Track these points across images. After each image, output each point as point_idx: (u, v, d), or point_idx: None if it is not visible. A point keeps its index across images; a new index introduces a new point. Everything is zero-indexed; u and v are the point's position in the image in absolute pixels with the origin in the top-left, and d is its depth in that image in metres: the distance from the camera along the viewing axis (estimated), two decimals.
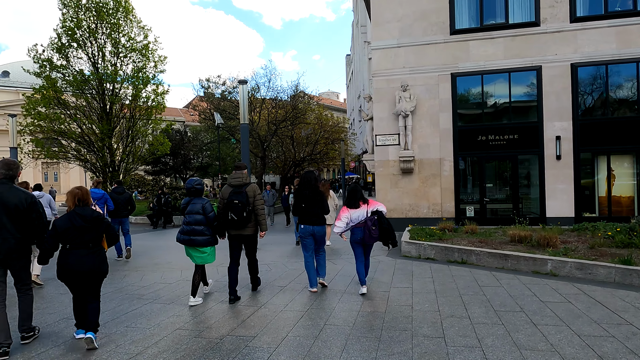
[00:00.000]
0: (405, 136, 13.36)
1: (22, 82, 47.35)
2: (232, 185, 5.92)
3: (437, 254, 8.33)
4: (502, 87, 13.01)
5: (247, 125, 10.27)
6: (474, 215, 13.18)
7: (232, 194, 5.81)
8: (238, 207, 5.69)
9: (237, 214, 5.68)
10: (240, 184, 5.89)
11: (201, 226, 5.66)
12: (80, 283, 4.35)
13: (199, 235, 5.66)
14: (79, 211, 4.36)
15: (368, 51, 43.27)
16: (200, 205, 5.67)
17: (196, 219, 5.66)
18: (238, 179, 5.91)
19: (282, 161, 29.48)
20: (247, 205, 5.74)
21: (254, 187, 6.02)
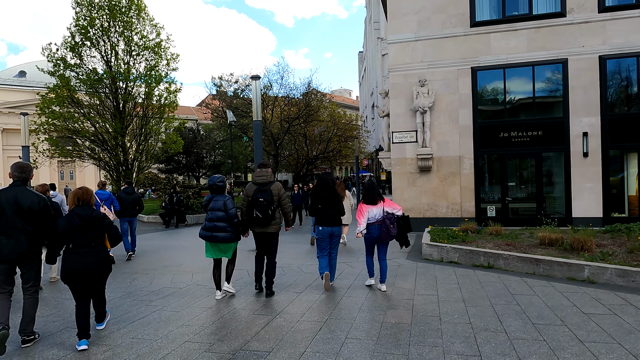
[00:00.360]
0: (423, 133, 12.84)
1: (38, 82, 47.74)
2: (256, 183, 5.97)
3: (461, 257, 7.82)
4: (525, 82, 12.40)
5: (260, 122, 9.87)
6: (495, 215, 12.60)
7: (257, 191, 5.87)
8: (263, 205, 5.75)
9: (262, 211, 5.74)
10: (265, 182, 5.93)
11: (223, 223, 5.72)
12: (83, 283, 4.32)
13: (221, 232, 5.74)
14: (77, 211, 4.36)
15: (381, 48, 42.60)
16: (222, 202, 5.75)
17: (218, 216, 5.74)
18: (263, 177, 5.96)
19: (295, 159, 29.07)
20: (271, 203, 5.80)
21: (278, 186, 6.06)
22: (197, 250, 10.62)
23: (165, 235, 14.15)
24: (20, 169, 4.49)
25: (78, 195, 4.45)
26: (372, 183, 6.55)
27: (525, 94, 12.43)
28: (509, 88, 12.49)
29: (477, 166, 12.70)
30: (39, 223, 4.37)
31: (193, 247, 11.19)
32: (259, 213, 5.76)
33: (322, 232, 6.25)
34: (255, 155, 10.01)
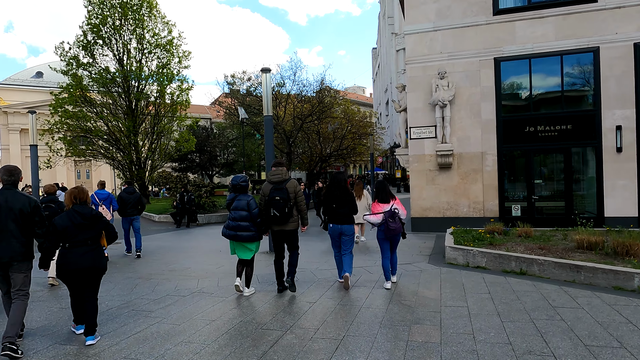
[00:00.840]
0: (442, 128, 12.10)
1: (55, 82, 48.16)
2: (272, 182, 5.98)
3: (489, 262, 7.12)
4: (552, 72, 11.56)
5: (271, 117, 9.29)
6: (520, 214, 11.81)
7: (273, 190, 5.87)
8: (280, 204, 5.76)
9: (279, 210, 5.75)
10: (281, 180, 5.94)
11: (246, 222, 5.79)
12: (80, 280, 4.41)
13: (244, 231, 5.80)
14: (78, 209, 4.44)
15: (395, 43, 41.72)
16: (245, 202, 5.82)
17: (241, 215, 5.80)
18: (278, 176, 5.97)
19: (308, 157, 28.46)
20: (288, 201, 5.79)
21: (294, 183, 6.04)
22: (205, 252, 10.10)
23: (175, 236, 13.68)
24: (9, 172, 4.49)
25: (75, 194, 4.52)
26: (382, 182, 6.67)
27: (553, 86, 11.60)
28: (535, 79, 11.67)
29: (500, 163, 11.91)
30: (30, 224, 4.39)
31: (202, 249, 10.67)
32: (276, 212, 5.76)
33: (332, 230, 6.33)
34: (266, 152, 9.43)
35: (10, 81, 49.85)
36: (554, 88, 11.58)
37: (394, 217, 6.15)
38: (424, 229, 12.50)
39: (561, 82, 11.46)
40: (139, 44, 24.25)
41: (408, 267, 7.64)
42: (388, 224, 6.10)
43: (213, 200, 18.28)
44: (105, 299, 6.08)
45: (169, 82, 24.52)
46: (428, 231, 12.40)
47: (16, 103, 46.44)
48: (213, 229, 15.34)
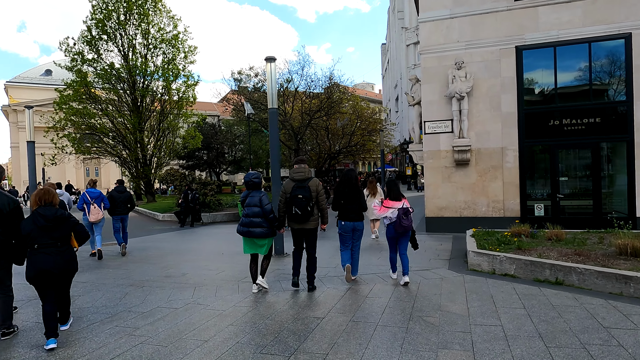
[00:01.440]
0: (459, 122, 11.26)
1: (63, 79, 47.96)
2: (294, 179, 5.90)
3: (519, 269, 6.31)
4: (580, 61, 10.65)
5: (276, 110, 8.55)
6: (543, 214, 10.95)
7: (296, 188, 5.80)
8: (302, 202, 5.69)
9: (301, 208, 5.69)
10: (303, 179, 5.87)
11: (259, 218, 5.71)
12: (49, 283, 4.29)
13: (257, 227, 5.71)
14: (41, 211, 4.33)
15: (405, 37, 40.73)
16: (257, 198, 5.75)
17: (254, 211, 5.73)
18: (301, 174, 5.88)
19: (317, 154, 27.68)
20: (310, 199, 5.73)
21: (316, 182, 5.96)
22: (207, 255, 9.42)
23: (178, 236, 13.03)
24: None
25: (39, 196, 4.41)
26: (393, 180, 6.86)
27: (580, 76, 10.70)
28: (560, 69, 10.77)
29: (522, 159, 11.05)
30: (9, 224, 4.43)
31: (203, 251, 9.98)
32: (297, 210, 5.69)
33: (344, 227, 6.29)
34: (271, 148, 8.71)
35: (20, 79, 49.79)
36: (581, 78, 10.68)
37: (407, 214, 6.19)
38: (439, 230, 11.71)
39: (589, 72, 10.56)
40: (144, 39, 23.67)
41: (427, 274, 6.86)
42: (401, 221, 6.13)
43: (219, 199, 17.61)
44: (90, 311, 5.41)
45: (175, 77, 23.91)
46: (444, 232, 11.61)
47: (25, 101, 46.27)
48: (218, 228, 14.69)
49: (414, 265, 7.30)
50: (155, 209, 18.68)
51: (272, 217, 5.78)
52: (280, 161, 8.85)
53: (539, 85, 11.10)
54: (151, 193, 24.07)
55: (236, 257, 8.72)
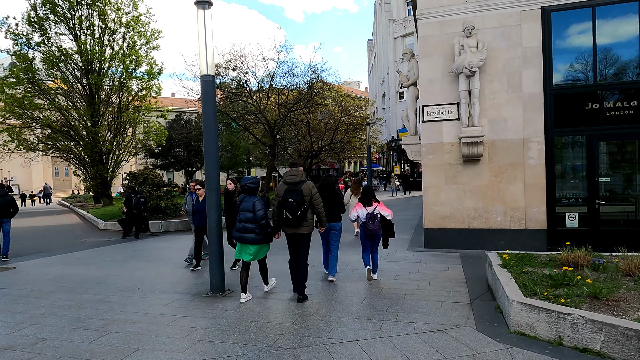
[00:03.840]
0: (468, 106, 8.53)
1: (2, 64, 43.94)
2: (287, 182, 5.66)
3: (611, 343, 3.52)
4: (627, 25, 8.00)
5: (211, 79, 5.68)
6: (577, 226, 8.28)
7: (287, 192, 5.55)
8: (293, 206, 5.45)
9: (291, 212, 5.44)
10: (296, 182, 5.61)
11: (252, 224, 5.49)
12: None
13: (249, 233, 5.47)
14: None
15: (393, 30, 38.08)
16: (251, 203, 5.51)
17: (247, 217, 5.50)
18: (293, 177, 5.65)
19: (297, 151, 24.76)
20: (302, 203, 5.48)
21: (310, 185, 5.68)
22: (119, 290, 6.40)
23: (109, 253, 10.02)
24: None
25: None
26: (368, 186, 7.01)
27: (627, 45, 8.02)
28: (600, 37, 8.09)
29: (549, 153, 8.37)
30: None
31: (118, 284, 6.94)
32: (288, 214, 5.46)
33: None
34: (205, 140, 5.81)
35: None
36: (629, 48, 8.00)
37: (374, 219, 6.44)
38: (441, 245, 8.97)
39: (639, 38, 7.89)
40: (100, 22, 20.54)
41: (442, 340, 4.05)
42: (367, 225, 6.43)
43: (176, 203, 14.60)
44: None
45: (137, 66, 20.82)
46: (447, 248, 8.89)
47: None
48: (167, 240, 11.71)
49: (421, 320, 4.51)
50: (101, 215, 15.58)
51: (264, 223, 5.50)
52: (218, 158, 6.01)
53: (572, 58, 8.39)
54: (108, 195, 20.90)
55: (159, 297, 5.85)
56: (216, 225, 5.83)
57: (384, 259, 8.25)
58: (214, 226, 5.81)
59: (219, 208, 5.89)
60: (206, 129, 5.82)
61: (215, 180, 5.87)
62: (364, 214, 6.44)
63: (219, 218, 5.87)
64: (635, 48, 7.94)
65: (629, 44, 7.99)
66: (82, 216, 17.95)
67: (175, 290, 6.27)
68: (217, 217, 5.82)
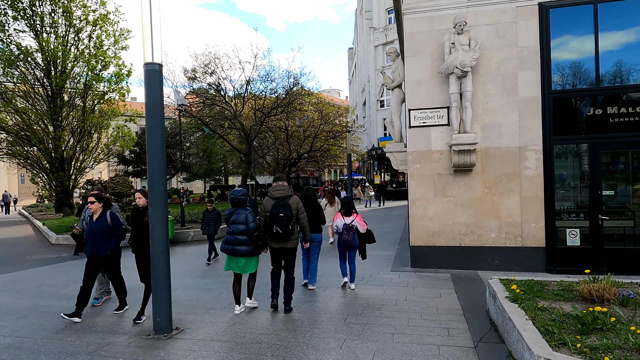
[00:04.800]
0: (460, 110, 7.65)
1: None
2: (274, 197, 5.59)
3: None
4: (632, 24, 7.27)
5: (156, 68, 4.57)
6: (579, 243, 7.44)
7: (276, 206, 5.51)
8: (283, 220, 5.43)
9: (282, 227, 5.42)
10: (284, 196, 5.57)
11: (244, 236, 5.43)
12: None
13: (242, 245, 5.43)
14: None
15: (374, 38, 37.57)
16: (243, 216, 5.45)
17: (240, 229, 5.44)
18: (281, 191, 5.60)
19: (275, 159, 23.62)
20: (291, 218, 5.50)
21: (296, 199, 5.70)
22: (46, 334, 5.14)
23: (50, 274, 8.66)
24: None
25: None
26: (348, 197, 7.22)
27: (632, 45, 7.30)
28: (604, 36, 7.34)
29: (548, 163, 7.53)
30: None
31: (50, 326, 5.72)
32: (279, 229, 5.41)
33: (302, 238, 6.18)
34: (148, 143, 4.69)
35: None
36: (634, 49, 7.27)
37: (349, 230, 6.60)
38: (430, 264, 8.00)
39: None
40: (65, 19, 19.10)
41: None
42: (342, 235, 6.64)
43: None
44: None
45: (104, 66, 19.41)
46: (437, 267, 7.93)
47: None
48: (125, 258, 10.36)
49: None
50: (56, 228, 14.05)
51: (257, 236, 5.46)
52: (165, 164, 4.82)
53: (573, 58, 7.62)
54: (69, 205, 19.28)
55: (86, 339, 4.64)
56: (162, 249, 4.68)
57: (367, 281, 7.24)
58: (159, 250, 4.66)
59: (165, 227, 4.75)
60: (150, 129, 4.69)
61: (160, 192, 4.72)
62: (341, 224, 6.63)
63: (165, 240, 4.73)
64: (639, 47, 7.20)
65: (634, 45, 7.25)
66: (37, 228, 16.33)
67: (110, 329, 5.05)
68: (162, 239, 4.67)
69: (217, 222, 9.85)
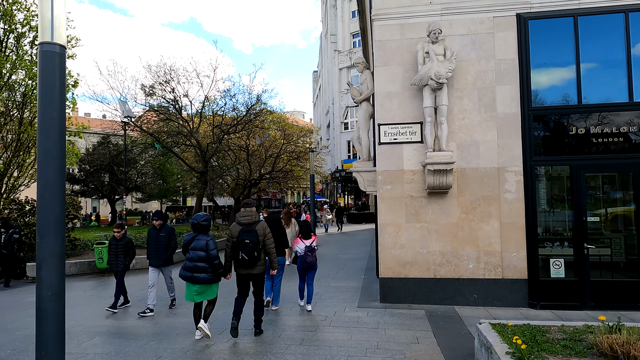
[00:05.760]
0: (435, 126, 6.86)
1: None
2: (241, 223, 5.50)
3: None
4: (613, 39, 6.81)
5: (59, 50, 3.41)
6: (564, 275, 6.70)
7: (243, 232, 5.42)
8: (249, 247, 5.34)
9: (248, 253, 5.33)
10: (250, 222, 5.48)
11: (204, 263, 5.34)
12: None
13: (202, 272, 5.32)
14: None
15: (338, 61, 37.44)
16: (204, 242, 5.40)
17: (200, 256, 5.36)
18: (248, 217, 5.51)
19: (235, 179, 22.26)
20: (257, 244, 5.41)
21: (263, 225, 5.61)
22: None
23: None
24: None
25: None
26: (306, 221, 7.29)
27: (614, 61, 6.82)
28: (585, 50, 6.83)
29: (529, 186, 6.82)
30: None
31: None
32: (244, 255, 5.33)
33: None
34: (39, 148, 3.47)
35: None
36: (616, 65, 6.79)
37: (312, 252, 6.73)
38: (401, 299, 7.01)
39: (626, 54, 6.70)
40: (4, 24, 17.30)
41: None
42: (306, 257, 6.71)
43: (74, 238, 11.54)
44: None
45: None
46: (409, 302, 6.96)
47: None
48: None
49: None
50: None
51: (217, 264, 5.39)
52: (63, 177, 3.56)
53: (553, 74, 7.06)
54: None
55: None
56: (53, 296, 3.39)
57: (331, 321, 6.15)
58: (48, 296, 3.37)
59: (60, 263, 3.48)
60: (44, 126, 3.47)
61: (56, 214, 3.46)
62: (303, 247, 6.74)
63: (59, 282, 3.45)
64: (622, 65, 6.72)
65: (616, 60, 6.77)
66: None
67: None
68: (54, 281, 3.39)
69: (129, 254, 7.33)
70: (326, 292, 8.10)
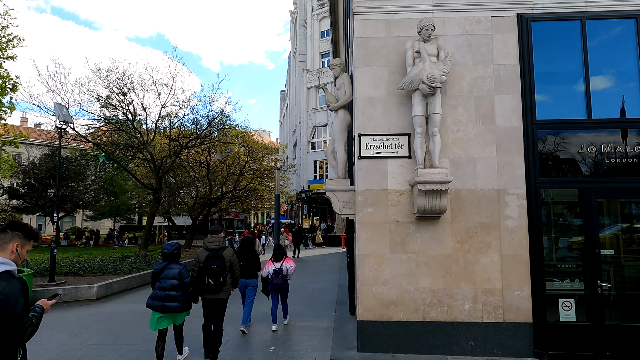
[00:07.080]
0: (425, 138, 5.73)
1: None
2: (208, 249, 5.58)
3: None
4: (624, 45, 6.00)
5: None
6: (575, 317, 5.61)
7: (210, 258, 5.48)
8: (216, 272, 5.42)
9: (214, 278, 5.40)
10: (218, 248, 5.57)
11: (176, 292, 5.22)
12: None
13: (173, 301, 5.20)
14: None
15: (307, 80, 36.64)
16: (177, 270, 5.26)
17: (172, 284, 5.21)
18: (215, 243, 5.60)
19: (193, 197, 20.41)
20: (224, 269, 5.49)
21: (230, 251, 5.69)
22: None
23: None
24: None
25: None
26: (279, 245, 7.71)
27: (626, 71, 5.98)
28: (594, 57, 5.96)
29: (534, 212, 5.75)
30: None
31: None
32: (210, 280, 5.40)
33: (240, 283, 6.72)
34: None
35: None
36: (629, 75, 5.95)
37: (278, 274, 6.99)
38: (384, 347, 5.68)
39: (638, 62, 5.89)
40: None
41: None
42: (272, 280, 7.00)
43: None
44: None
45: None
46: (393, 351, 5.65)
47: None
48: None
49: None
50: None
51: (191, 291, 5.34)
52: None
53: (560, 83, 6.13)
54: None
55: None
56: None
57: None
58: None
59: None
60: None
61: None
62: (272, 269, 7.00)
63: None
64: (634, 74, 5.89)
65: (628, 71, 5.94)
66: None
67: None
68: None
69: None
70: (292, 335, 6.67)
